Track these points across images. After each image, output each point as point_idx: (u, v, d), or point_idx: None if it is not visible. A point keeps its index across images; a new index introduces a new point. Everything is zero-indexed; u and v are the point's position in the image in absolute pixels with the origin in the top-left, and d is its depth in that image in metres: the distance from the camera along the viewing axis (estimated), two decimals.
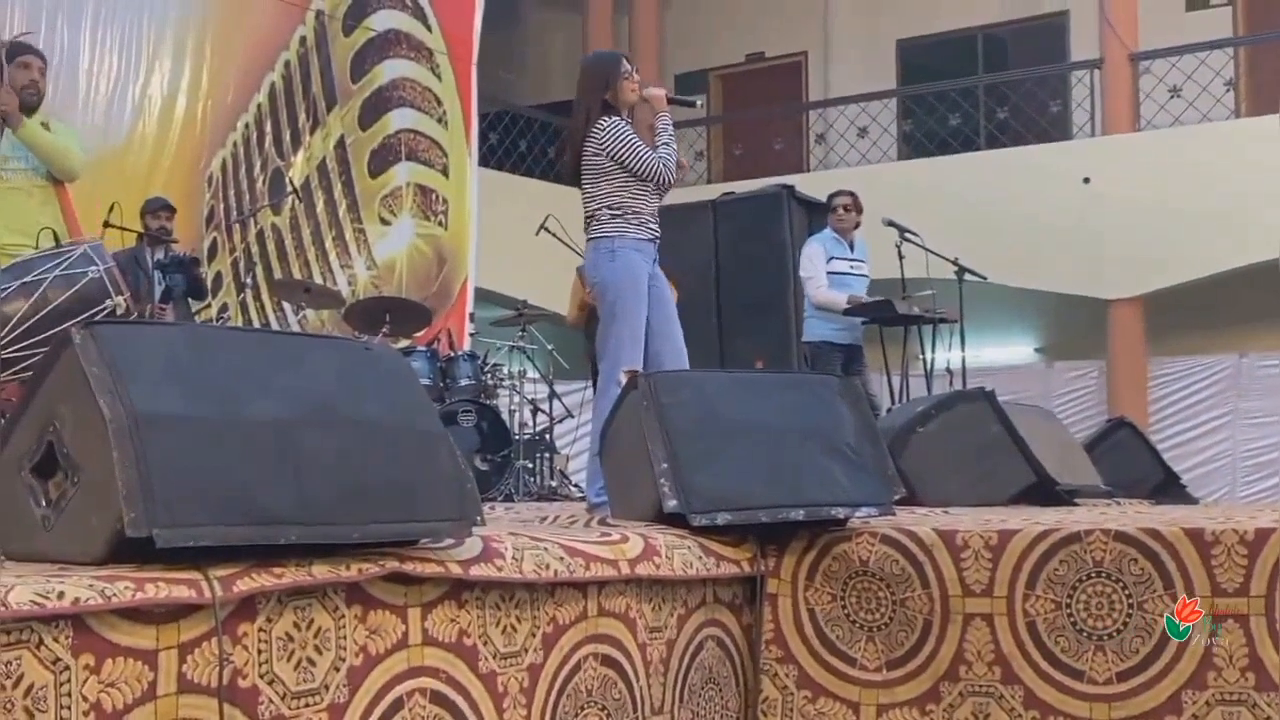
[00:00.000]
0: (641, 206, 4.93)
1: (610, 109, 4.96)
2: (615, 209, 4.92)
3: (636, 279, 4.88)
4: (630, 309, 4.87)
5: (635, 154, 4.88)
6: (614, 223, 4.92)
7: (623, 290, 4.87)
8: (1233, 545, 2.94)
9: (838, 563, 3.36)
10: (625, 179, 4.91)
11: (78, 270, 4.45)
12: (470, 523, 2.53)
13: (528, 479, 7.67)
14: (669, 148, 4.94)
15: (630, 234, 4.90)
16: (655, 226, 5.00)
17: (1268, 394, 11.28)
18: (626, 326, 4.86)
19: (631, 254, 4.89)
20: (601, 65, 5.12)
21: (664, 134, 4.97)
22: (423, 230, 10.20)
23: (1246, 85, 12.31)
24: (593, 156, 4.95)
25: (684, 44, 14.98)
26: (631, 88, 5.00)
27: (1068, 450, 6.20)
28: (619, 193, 4.92)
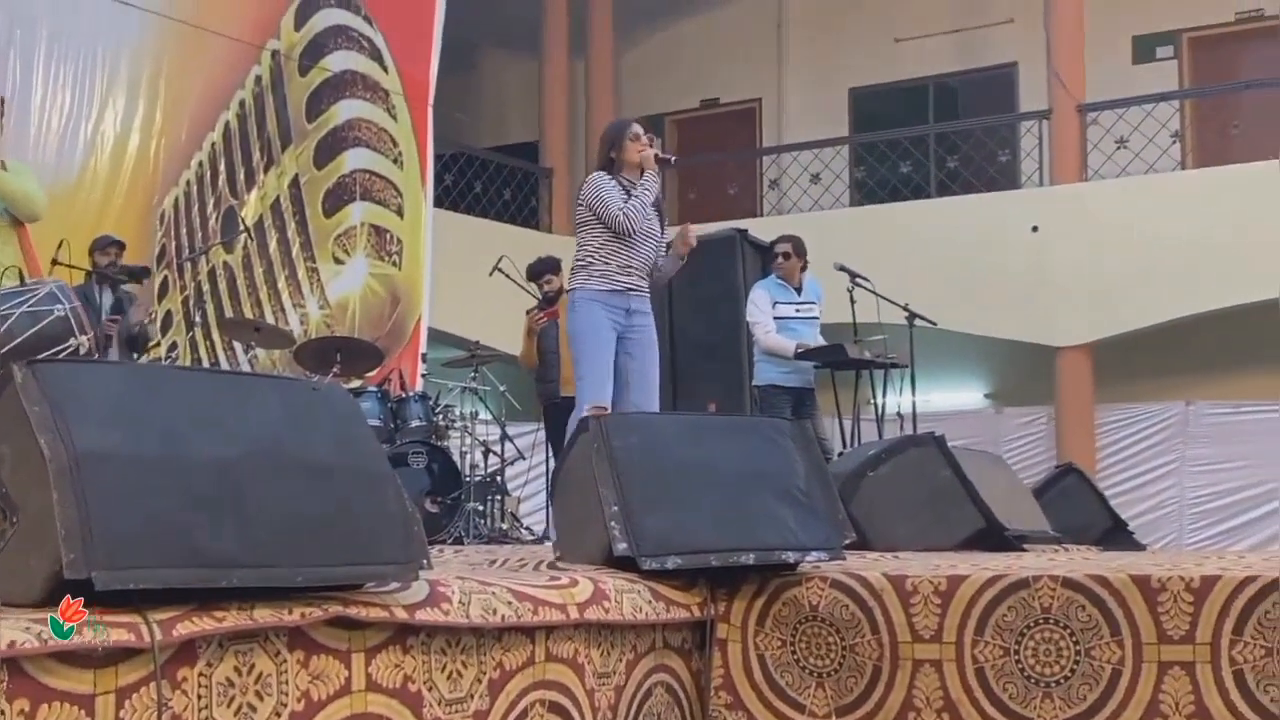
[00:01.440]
0: (613, 259, 5.27)
1: (609, 167, 5.35)
2: (583, 260, 5.30)
3: (595, 328, 5.23)
4: (590, 354, 5.23)
5: (602, 204, 5.23)
6: (579, 275, 5.32)
7: (582, 338, 5.26)
8: (1179, 592, 2.96)
9: (788, 608, 3.35)
10: (601, 231, 5.27)
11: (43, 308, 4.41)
12: (417, 566, 2.50)
13: (478, 522, 7.62)
14: (639, 201, 5.26)
15: (593, 285, 5.27)
16: (627, 278, 5.31)
17: (1214, 441, 11.40)
18: (588, 370, 5.23)
19: (591, 304, 5.24)
20: (611, 129, 5.57)
21: (640, 188, 5.31)
22: (376, 270, 10.16)
23: (1192, 137, 12.50)
24: (579, 208, 5.37)
25: (640, 88, 15.06)
26: (637, 149, 5.35)
27: (1016, 496, 6.24)
28: (593, 245, 5.29)
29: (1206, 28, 12.87)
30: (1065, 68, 11.72)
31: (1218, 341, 11.78)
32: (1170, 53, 13.01)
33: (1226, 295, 10.97)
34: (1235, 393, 11.76)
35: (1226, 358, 11.96)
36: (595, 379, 5.23)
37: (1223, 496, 11.26)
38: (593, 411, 4.96)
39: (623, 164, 5.37)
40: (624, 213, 5.22)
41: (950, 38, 13.76)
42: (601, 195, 5.25)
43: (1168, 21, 12.87)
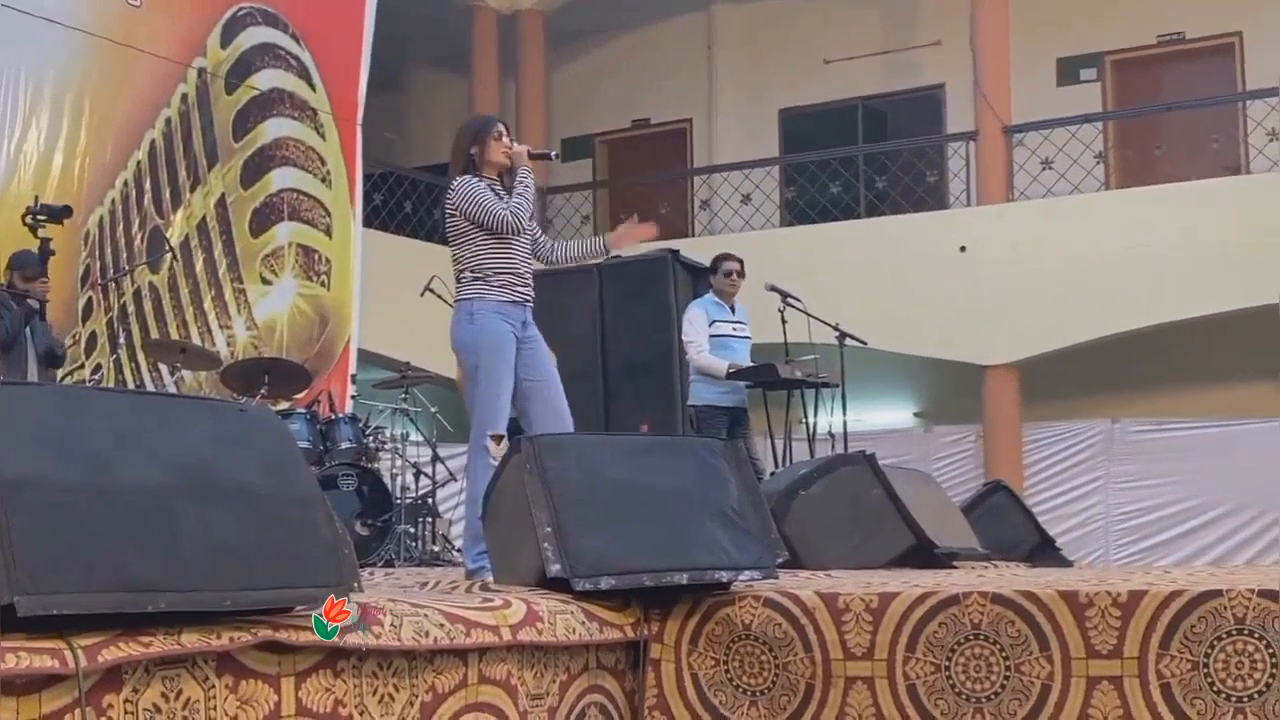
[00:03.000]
0: (504, 267, 4.92)
1: (473, 168, 4.99)
2: (476, 270, 4.91)
3: (497, 343, 4.86)
4: (491, 372, 4.84)
5: (480, 206, 4.87)
6: (474, 285, 4.91)
7: (482, 353, 4.85)
8: (1106, 607, 2.99)
9: (721, 627, 3.35)
10: (484, 238, 4.90)
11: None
12: (348, 589, 2.48)
13: (409, 544, 7.56)
14: (522, 198, 4.93)
15: (491, 296, 4.89)
16: (523, 289, 4.99)
17: (1139, 458, 11.57)
18: (489, 389, 4.84)
19: (491, 316, 4.87)
20: (471, 127, 5.17)
21: (519, 185, 4.97)
22: (305, 290, 10.07)
23: (1116, 158, 12.72)
24: (450, 217, 4.96)
25: (570, 109, 15.08)
26: (501, 149, 5.02)
27: (946, 513, 6.30)
28: (480, 253, 4.91)
29: (1129, 50, 13.11)
30: (991, 89, 11.88)
31: (1142, 360, 11.97)
32: (1094, 75, 13.23)
33: (1151, 314, 11.15)
34: (1159, 410, 11.96)
35: (1151, 376, 12.17)
36: (497, 403, 4.83)
37: (1148, 513, 11.42)
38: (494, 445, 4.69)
39: (485, 163, 5.01)
40: (511, 210, 4.86)
41: (878, 59, 13.92)
42: (477, 197, 4.87)
43: (1091, 44, 13.10)
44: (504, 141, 5.05)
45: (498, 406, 4.83)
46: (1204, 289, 10.87)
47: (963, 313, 11.66)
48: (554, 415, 4.94)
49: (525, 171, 5.02)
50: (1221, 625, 2.90)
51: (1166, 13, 12.79)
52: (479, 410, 4.85)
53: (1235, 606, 2.90)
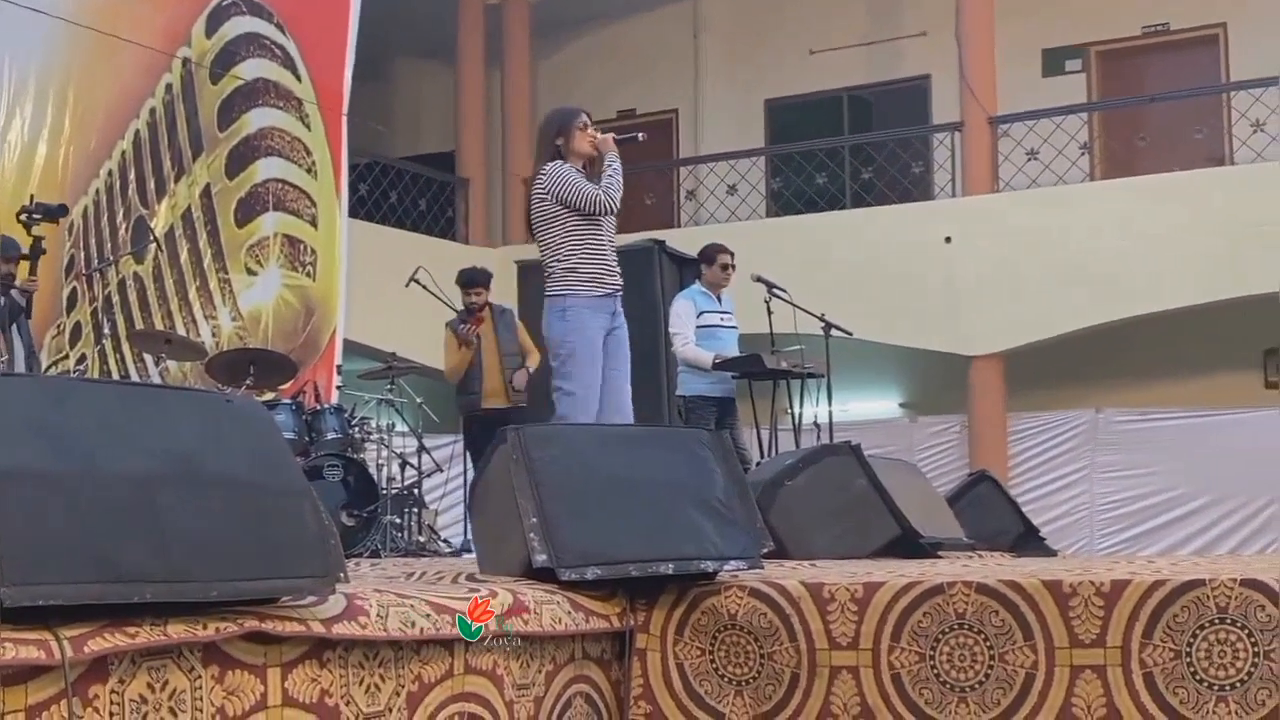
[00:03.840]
0: (593, 256, 4.93)
1: (560, 158, 4.99)
2: (565, 263, 4.90)
3: (589, 339, 4.87)
4: (581, 370, 4.86)
5: (574, 188, 4.87)
6: (565, 280, 4.91)
7: (574, 350, 4.87)
8: (1089, 597, 3.01)
9: (706, 617, 3.36)
10: (574, 223, 4.91)
11: None
12: (334, 580, 2.49)
13: (395, 534, 7.56)
14: (612, 179, 4.94)
15: (584, 292, 4.90)
16: (613, 279, 5.01)
17: (1123, 448, 11.61)
18: (578, 387, 4.86)
19: (583, 313, 4.88)
20: (556, 118, 5.17)
21: (609, 168, 4.98)
22: (290, 281, 10.05)
23: (1100, 148, 12.76)
24: (539, 204, 4.95)
25: (556, 99, 14.94)
26: (587, 139, 5.03)
27: (931, 503, 6.31)
28: (569, 240, 4.91)
29: (1114, 41, 13.14)
30: (977, 80, 11.90)
31: (1126, 350, 12.02)
32: (1079, 66, 13.26)
33: (1135, 304, 11.20)
34: (1143, 400, 12.00)
35: (1135, 366, 12.22)
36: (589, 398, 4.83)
37: (1132, 502, 11.47)
38: None
39: (570, 154, 5.01)
40: (604, 189, 4.85)
41: (864, 50, 13.93)
42: (569, 180, 4.87)
43: (1076, 35, 13.13)
44: (589, 131, 5.06)
45: (586, 404, 4.85)
46: (1188, 280, 10.92)
47: (948, 303, 11.69)
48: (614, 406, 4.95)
49: (614, 156, 5.02)
50: (1204, 615, 2.92)
51: (1151, 4, 12.83)
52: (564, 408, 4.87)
53: (1218, 596, 2.91)
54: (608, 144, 5.03)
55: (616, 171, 4.98)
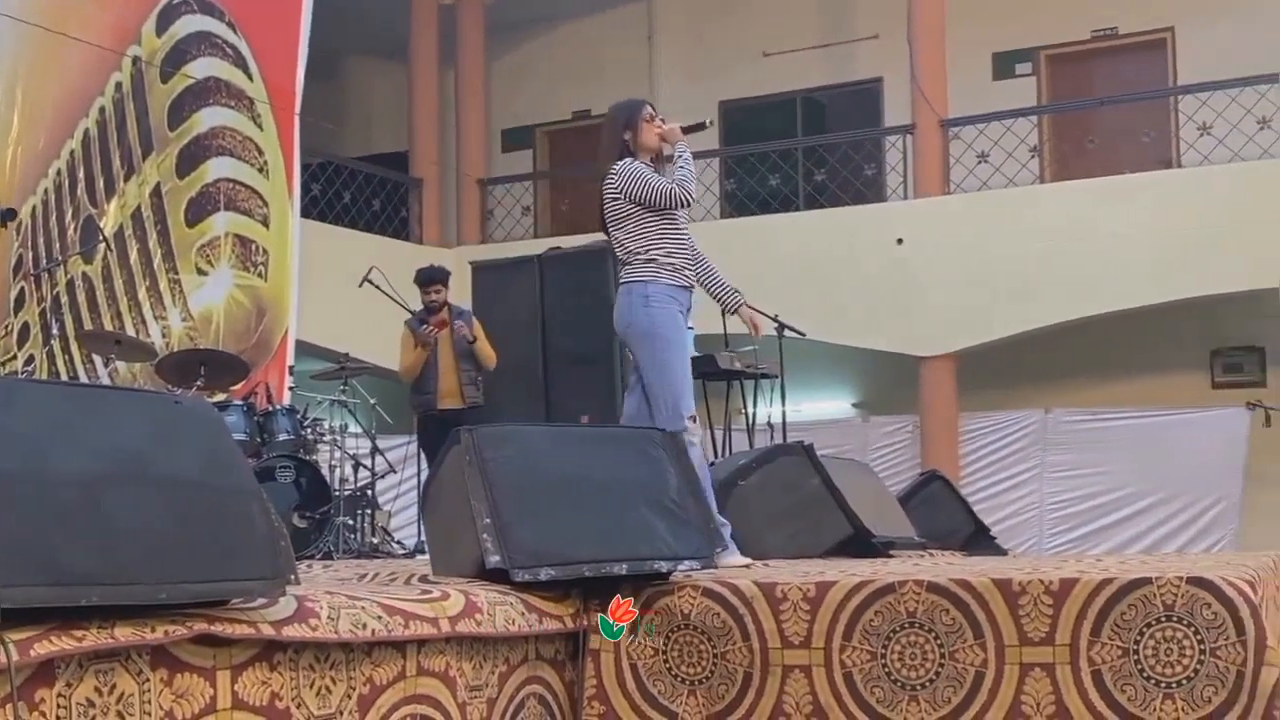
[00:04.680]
0: (674, 249, 4.88)
1: (629, 153, 4.92)
2: (647, 253, 4.85)
3: (676, 325, 4.82)
4: (674, 356, 4.80)
5: (646, 185, 4.81)
6: (647, 268, 4.84)
7: (665, 337, 4.80)
8: (1039, 595, 3.04)
9: (660, 616, 3.37)
10: (651, 219, 4.85)
11: None
12: (284, 582, 2.47)
13: (348, 536, 7.52)
14: (684, 170, 4.88)
15: (664, 280, 4.84)
16: (690, 273, 4.95)
17: (1072, 448, 11.72)
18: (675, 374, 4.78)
19: (667, 301, 4.82)
20: (622, 112, 5.06)
21: (680, 159, 4.91)
22: (241, 281, 9.97)
23: (1050, 151, 12.87)
24: (612, 202, 4.90)
25: (511, 99, 15.04)
26: (654, 130, 4.95)
27: (883, 502, 6.36)
28: (648, 234, 4.86)
29: (1063, 45, 13.26)
30: (928, 83, 11.97)
31: (1075, 351, 12.13)
32: (1029, 69, 13.37)
33: (1084, 306, 11.30)
34: (1092, 400, 12.12)
35: (1084, 366, 12.33)
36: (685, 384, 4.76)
37: (1081, 501, 11.58)
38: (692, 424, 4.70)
39: (639, 148, 4.92)
40: (677, 182, 4.79)
41: (817, 52, 13.98)
42: (641, 176, 4.80)
43: (1026, 39, 13.23)
44: (656, 123, 4.98)
45: (686, 388, 4.78)
46: (1136, 281, 11.03)
47: (900, 304, 11.76)
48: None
49: (683, 146, 4.95)
50: (1151, 612, 2.95)
51: (1100, 8, 12.95)
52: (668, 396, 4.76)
53: (1164, 594, 2.95)
54: (675, 134, 4.96)
55: (688, 162, 4.91)
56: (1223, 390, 12.19)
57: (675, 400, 4.75)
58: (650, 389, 4.81)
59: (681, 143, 4.95)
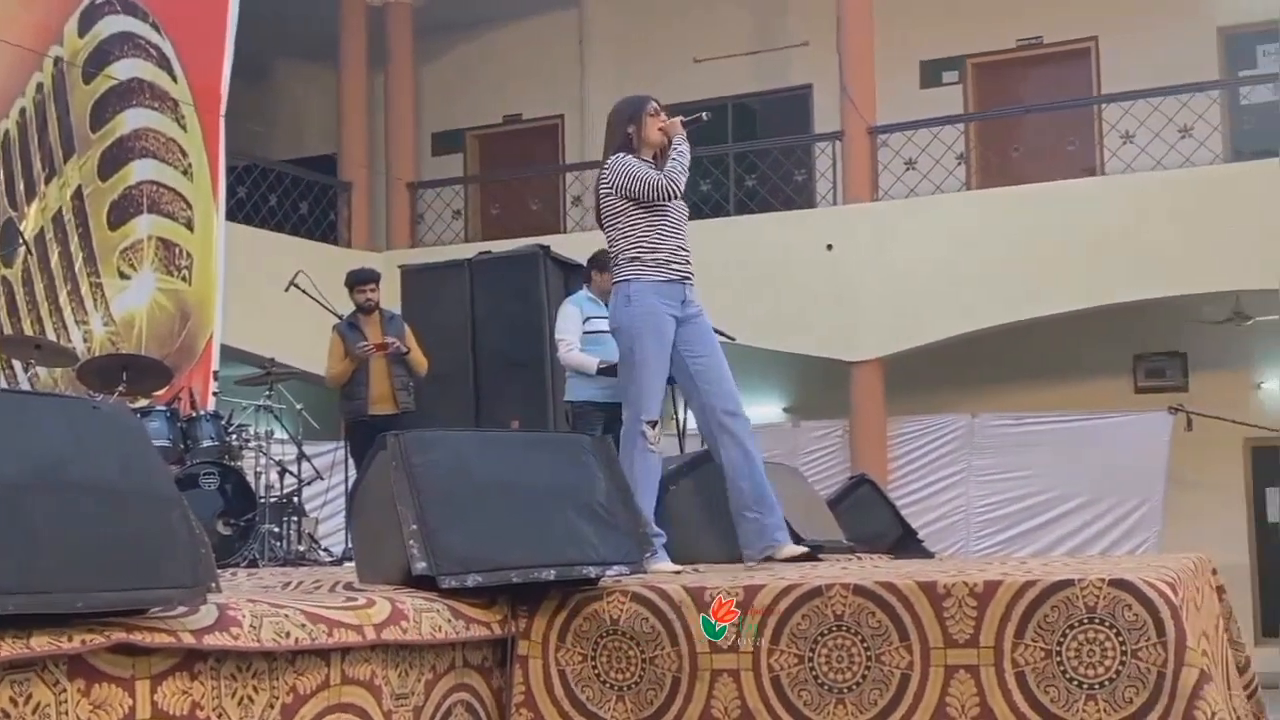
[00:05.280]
0: (660, 244, 4.82)
1: (631, 149, 4.89)
2: (632, 251, 4.82)
3: (654, 325, 4.76)
4: (646, 356, 4.75)
5: (633, 177, 4.78)
6: (631, 266, 4.81)
7: (636, 337, 4.76)
8: (963, 597, 3.06)
9: (589, 622, 3.36)
10: (639, 214, 4.82)
11: None
12: (205, 589, 2.44)
13: (274, 544, 7.44)
14: (675, 162, 4.85)
15: (647, 276, 4.79)
16: (681, 265, 4.88)
17: (998, 452, 11.85)
18: (643, 374, 4.76)
19: (649, 298, 4.77)
20: (626, 108, 5.05)
21: (674, 151, 4.89)
22: (165, 285, 9.83)
23: (976, 159, 13.02)
24: (606, 198, 4.87)
25: (441, 102, 14.97)
26: (658, 125, 4.93)
27: (812, 506, 6.39)
28: (635, 231, 4.82)
29: (989, 54, 13.42)
30: (857, 91, 12.07)
31: (1001, 355, 12.27)
32: (955, 77, 13.53)
33: (1010, 311, 11.44)
34: (1018, 405, 12.27)
35: (1010, 371, 12.48)
36: (652, 387, 4.73)
37: (1007, 504, 11.71)
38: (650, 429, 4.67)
39: (643, 144, 4.90)
40: (666, 174, 4.76)
41: (748, 59, 14.05)
42: (629, 170, 4.78)
43: (953, 48, 13.38)
44: (660, 118, 4.95)
45: (652, 391, 4.75)
46: (1061, 287, 11.18)
47: (830, 310, 11.83)
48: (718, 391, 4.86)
49: (680, 139, 4.93)
50: (1074, 614, 2.98)
51: (1025, 18, 13.12)
52: (633, 395, 4.76)
53: (1087, 596, 2.98)
54: (675, 128, 4.95)
55: (682, 155, 4.90)
56: (1145, 395, 12.40)
57: (638, 401, 4.75)
58: (621, 383, 4.85)
59: (679, 136, 4.94)
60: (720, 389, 4.89)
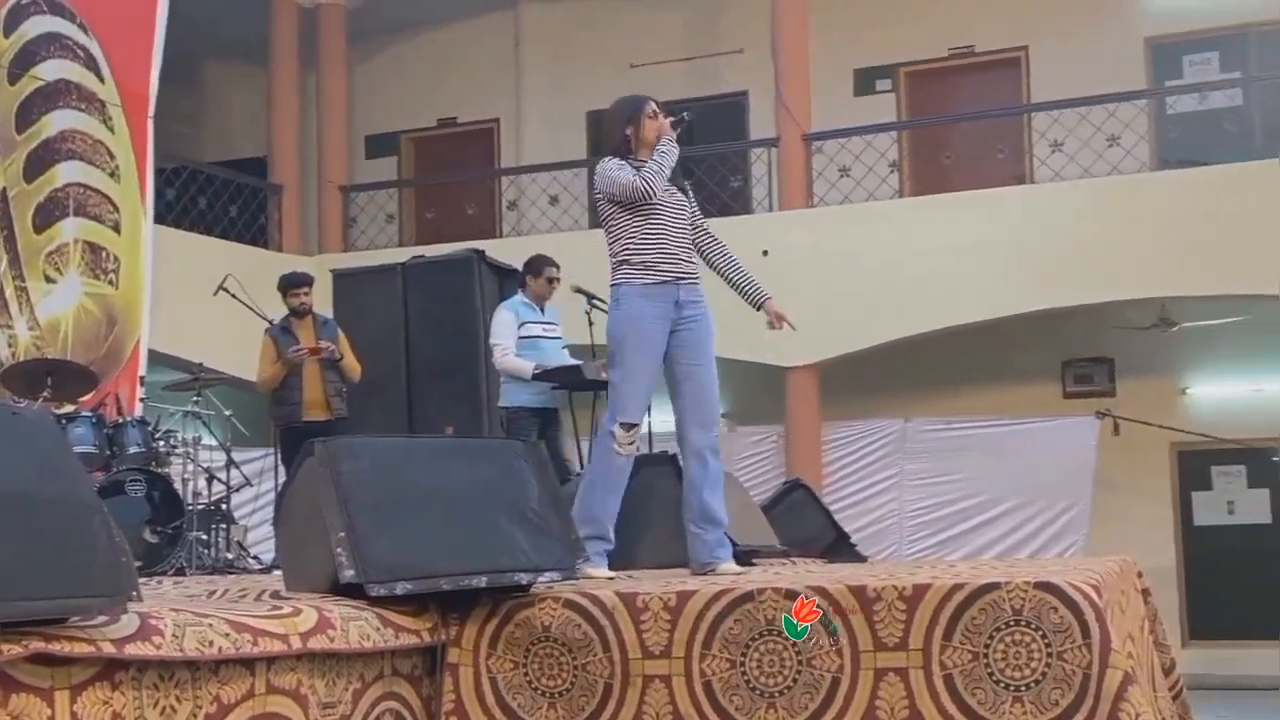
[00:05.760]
0: (647, 245, 4.79)
1: (629, 150, 4.86)
2: (621, 254, 4.80)
3: (638, 328, 4.73)
4: (626, 358, 4.74)
5: (612, 180, 4.76)
6: (620, 270, 4.81)
7: (621, 339, 4.75)
8: (893, 601, 3.08)
9: (520, 629, 3.34)
10: (626, 217, 4.80)
11: None
12: (126, 598, 2.40)
13: (202, 551, 7.34)
14: (654, 163, 4.81)
15: (636, 279, 4.76)
16: (671, 266, 4.83)
17: (930, 456, 11.94)
18: (623, 377, 4.74)
19: (636, 301, 4.75)
20: (624, 109, 5.02)
21: (656, 153, 4.85)
22: (91, 289, 9.67)
23: (909, 166, 13.12)
24: (598, 203, 4.88)
25: (375, 105, 14.86)
26: (655, 127, 4.89)
27: (747, 511, 6.40)
28: (624, 234, 4.80)
29: (922, 62, 13.53)
30: (791, 98, 12.12)
31: (934, 361, 12.38)
32: (889, 85, 13.63)
33: (943, 317, 11.53)
34: (950, 409, 12.37)
35: (942, 376, 12.59)
36: (632, 389, 4.71)
37: (939, 508, 11.80)
38: (622, 432, 4.67)
39: (641, 145, 4.87)
40: (642, 176, 4.72)
41: (684, 65, 14.07)
42: (609, 174, 4.76)
43: (886, 56, 13.48)
44: (659, 119, 4.92)
45: (630, 394, 4.72)
46: (991, 293, 11.29)
47: (765, 316, 11.85)
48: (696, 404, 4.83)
49: (667, 139, 4.89)
50: (1000, 616, 3.01)
51: (958, 27, 13.25)
52: (611, 396, 4.77)
53: (1013, 598, 3.01)
54: (665, 128, 4.93)
55: (663, 155, 4.85)
56: (1074, 400, 12.55)
57: (614, 404, 4.76)
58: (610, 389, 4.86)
59: (668, 136, 4.92)
60: (698, 402, 4.86)
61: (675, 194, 4.94)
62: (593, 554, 4.49)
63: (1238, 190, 10.68)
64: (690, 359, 4.85)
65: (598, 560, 4.54)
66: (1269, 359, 12.09)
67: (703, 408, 4.85)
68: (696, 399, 4.84)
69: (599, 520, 4.66)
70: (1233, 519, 12.48)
